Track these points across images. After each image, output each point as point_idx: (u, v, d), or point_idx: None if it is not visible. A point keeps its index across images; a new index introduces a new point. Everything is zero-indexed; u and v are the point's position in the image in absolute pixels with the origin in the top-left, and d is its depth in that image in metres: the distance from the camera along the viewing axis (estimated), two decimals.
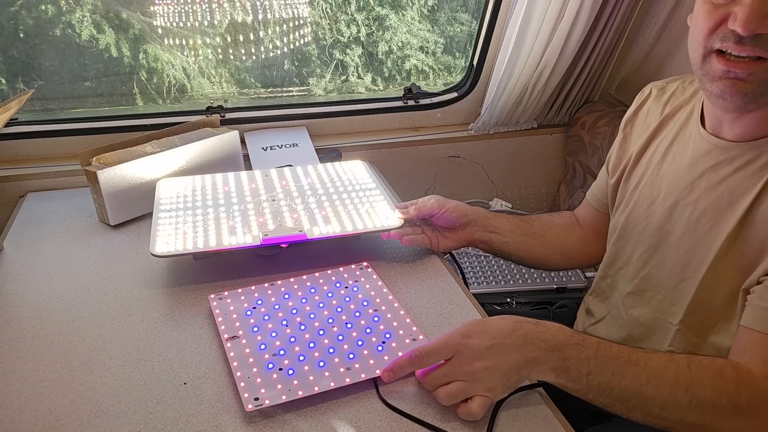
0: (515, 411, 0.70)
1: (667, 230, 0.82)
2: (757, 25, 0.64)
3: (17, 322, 0.84)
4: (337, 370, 0.73)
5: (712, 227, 0.76)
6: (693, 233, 0.79)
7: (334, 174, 1.16)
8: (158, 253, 0.89)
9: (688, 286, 0.79)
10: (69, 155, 1.31)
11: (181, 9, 1.43)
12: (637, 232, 0.87)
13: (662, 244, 0.83)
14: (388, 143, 1.54)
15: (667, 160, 0.85)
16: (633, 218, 0.88)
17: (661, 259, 0.83)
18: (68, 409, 0.69)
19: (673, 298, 0.82)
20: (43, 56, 1.39)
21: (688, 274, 0.79)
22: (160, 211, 1.00)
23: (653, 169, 0.87)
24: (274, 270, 0.95)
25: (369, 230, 0.96)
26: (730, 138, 0.76)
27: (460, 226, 0.99)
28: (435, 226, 1.01)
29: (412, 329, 0.79)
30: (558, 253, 1.03)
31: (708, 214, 0.77)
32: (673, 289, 0.81)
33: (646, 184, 0.87)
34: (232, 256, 0.97)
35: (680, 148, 0.83)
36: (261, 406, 0.68)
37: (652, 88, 0.93)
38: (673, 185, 0.82)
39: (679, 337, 0.81)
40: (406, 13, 1.68)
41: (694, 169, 0.80)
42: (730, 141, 0.76)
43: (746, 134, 0.74)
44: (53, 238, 1.07)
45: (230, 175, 1.13)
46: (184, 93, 1.55)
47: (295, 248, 0.97)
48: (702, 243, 0.78)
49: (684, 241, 0.80)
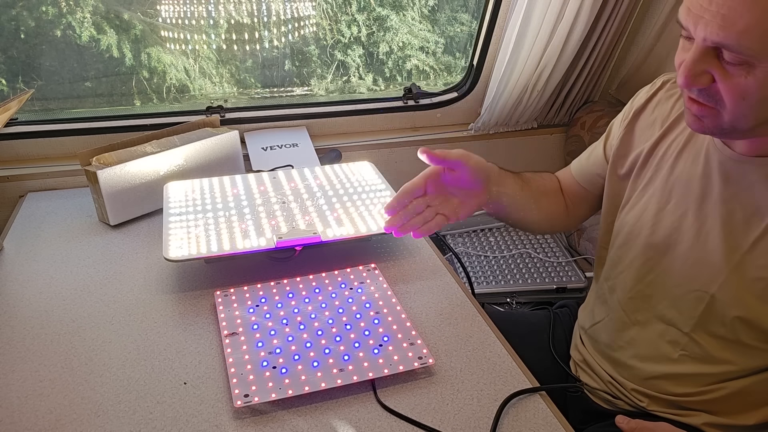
0: (516, 412, 0.71)
1: (675, 239, 0.80)
2: (690, 83, 0.66)
3: (17, 322, 0.84)
4: (330, 371, 0.73)
5: (723, 243, 0.75)
6: (703, 247, 0.77)
7: (342, 175, 1.16)
8: (172, 258, 0.88)
9: (696, 298, 0.78)
10: (69, 155, 1.31)
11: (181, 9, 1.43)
12: (643, 237, 0.85)
13: (669, 253, 0.81)
14: (388, 143, 1.54)
15: (678, 165, 0.82)
16: (641, 222, 0.86)
17: (668, 267, 0.81)
18: (68, 409, 0.69)
19: (680, 308, 0.80)
20: (43, 56, 1.39)
21: (695, 287, 0.78)
22: (171, 215, 0.99)
23: (665, 172, 0.84)
24: (286, 272, 0.94)
25: (383, 232, 0.95)
26: (741, 151, 0.74)
27: (480, 180, 0.89)
28: (451, 189, 0.90)
29: (411, 333, 0.79)
30: (546, 219, 1.00)
31: (718, 228, 0.75)
32: (681, 299, 0.80)
33: (657, 188, 0.85)
34: (244, 258, 0.97)
35: (693, 155, 0.81)
36: (250, 402, 0.68)
37: (664, 81, 0.89)
38: (684, 194, 0.80)
39: (691, 345, 0.79)
40: (407, 13, 1.68)
41: (706, 179, 0.78)
42: (742, 155, 0.74)
43: (757, 150, 0.72)
44: (53, 238, 1.07)
45: (238, 178, 1.13)
46: (184, 93, 1.55)
47: (305, 250, 0.97)
48: (712, 258, 0.76)
49: (692, 254, 0.78)
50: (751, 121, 0.66)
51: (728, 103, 0.66)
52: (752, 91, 0.63)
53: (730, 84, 0.64)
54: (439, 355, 0.79)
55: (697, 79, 0.66)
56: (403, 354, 0.76)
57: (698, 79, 0.66)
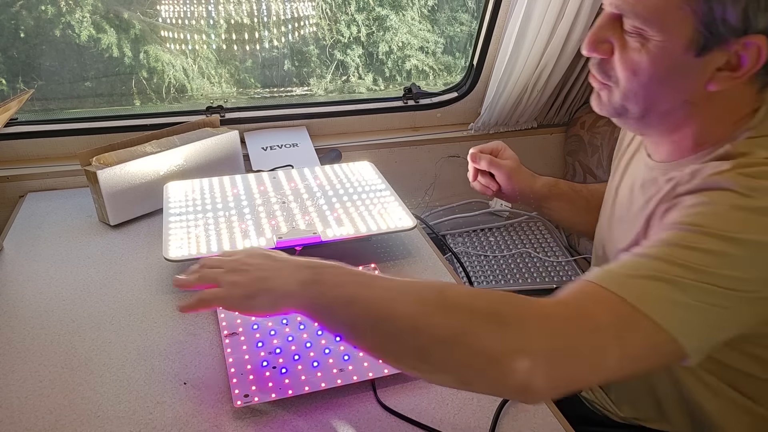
0: (516, 411, 0.71)
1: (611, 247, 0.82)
2: (592, 48, 0.68)
3: (17, 322, 0.84)
4: (330, 371, 0.73)
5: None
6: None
7: (342, 175, 1.16)
8: (172, 258, 0.88)
9: None
10: (69, 155, 1.31)
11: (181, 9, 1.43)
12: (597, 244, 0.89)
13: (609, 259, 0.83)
14: (388, 143, 1.54)
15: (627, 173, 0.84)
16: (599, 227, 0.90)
17: None
18: (68, 409, 0.69)
19: None
20: (43, 56, 1.39)
21: None
22: (171, 215, 0.99)
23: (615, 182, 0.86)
24: None
25: (383, 231, 0.96)
26: (656, 159, 0.75)
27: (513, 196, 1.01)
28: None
29: None
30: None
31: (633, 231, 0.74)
32: None
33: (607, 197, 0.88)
34: None
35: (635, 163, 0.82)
36: (250, 402, 0.68)
37: None
38: (620, 201, 0.82)
39: None
40: (407, 13, 1.68)
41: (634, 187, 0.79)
42: (656, 162, 0.74)
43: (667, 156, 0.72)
44: (53, 238, 1.07)
45: (238, 177, 1.13)
46: (184, 93, 1.55)
47: (305, 250, 0.97)
48: None
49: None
50: (641, 103, 0.67)
51: (621, 79, 0.67)
52: (644, 67, 0.64)
53: (626, 57, 0.65)
54: None
55: (600, 46, 0.67)
56: None
57: (600, 47, 0.67)
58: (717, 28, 0.59)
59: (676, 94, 0.65)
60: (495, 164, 0.98)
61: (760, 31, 0.59)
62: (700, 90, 0.64)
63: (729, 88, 0.63)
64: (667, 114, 0.68)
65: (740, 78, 0.62)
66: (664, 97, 0.66)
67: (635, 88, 0.66)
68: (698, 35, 0.60)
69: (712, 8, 0.58)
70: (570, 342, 0.53)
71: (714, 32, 0.59)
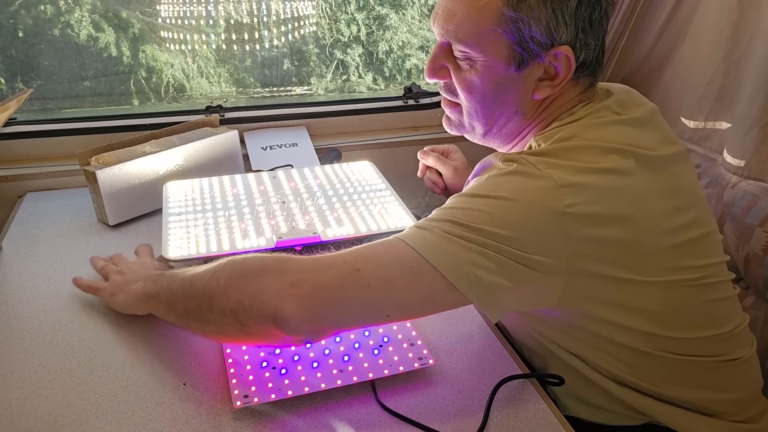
0: (508, 399, 0.70)
1: None
2: (431, 75, 0.76)
3: (16, 323, 0.84)
4: (330, 372, 0.73)
5: None
6: None
7: (342, 175, 1.15)
8: (171, 258, 0.88)
9: None
10: (68, 155, 1.31)
11: (180, 8, 1.43)
12: None
13: None
14: (388, 143, 1.54)
15: None
16: None
17: None
18: (67, 410, 0.69)
19: None
20: (42, 56, 1.39)
21: None
22: (170, 215, 0.99)
23: None
24: None
25: (383, 231, 0.95)
26: None
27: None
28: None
29: (411, 334, 0.79)
30: None
31: None
32: None
33: None
34: None
35: None
36: (250, 403, 0.68)
37: None
38: None
39: None
40: (407, 12, 1.68)
41: None
42: None
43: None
44: (52, 238, 1.07)
45: (237, 177, 1.13)
46: (183, 92, 1.55)
47: (305, 250, 0.97)
48: None
49: None
50: (482, 119, 0.76)
51: (462, 96, 0.75)
52: (476, 85, 0.72)
53: (460, 78, 0.74)
54: (439, 355, 0.79)
55: (438, 72, 0.76)
56: (403, 354, 0.75)
57: (439, 72, 0.76)
58: (528, 44, 0.68)
59: (508, 107, 0.74)
60: (441, 162, 1.04)
61: (564, 42, 0.68)
62: (528, 100, 0.73)
63: (554, 94, 0.72)
64: (505, 126, 0.77)
65: (560, 85, 0.71)
66: (499, 110, 0.74)
67: (474, 105, 0.75)
68: (514, 52, 0.69)
69: (519, 28, 0.67)
70: (316, 276, 0.62)
71: (526, 48, 0.68)
